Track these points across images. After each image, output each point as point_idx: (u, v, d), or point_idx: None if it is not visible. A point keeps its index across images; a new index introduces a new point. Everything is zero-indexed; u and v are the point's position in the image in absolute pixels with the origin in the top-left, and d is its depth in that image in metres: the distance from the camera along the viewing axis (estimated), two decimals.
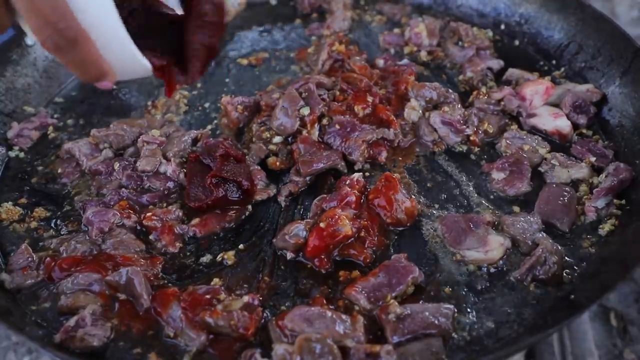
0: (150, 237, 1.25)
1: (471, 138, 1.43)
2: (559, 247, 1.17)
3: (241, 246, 1.24)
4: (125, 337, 1.08)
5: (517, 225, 1.20)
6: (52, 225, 1.30)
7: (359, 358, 0.97)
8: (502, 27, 1.78)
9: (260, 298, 1.12)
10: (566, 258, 1.17)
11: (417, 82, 1.53)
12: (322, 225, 1.18)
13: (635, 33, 1.60)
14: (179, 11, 1.11)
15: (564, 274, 1.14)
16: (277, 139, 1.41)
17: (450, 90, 1.50)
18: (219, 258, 1.21)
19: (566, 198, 1.26)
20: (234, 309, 1.05)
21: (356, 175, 1.30)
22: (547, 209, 1.25)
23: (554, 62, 1.65)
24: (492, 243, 1.18)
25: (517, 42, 1.74)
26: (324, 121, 1.43)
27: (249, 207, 1.31)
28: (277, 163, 1.39)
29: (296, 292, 1.15)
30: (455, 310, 1.08)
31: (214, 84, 1.69)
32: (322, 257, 1.18)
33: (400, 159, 1.42)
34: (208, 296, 1.08)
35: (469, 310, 1.10)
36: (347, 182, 1.29)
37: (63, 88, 1.69)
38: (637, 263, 1.05)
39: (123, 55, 1.00)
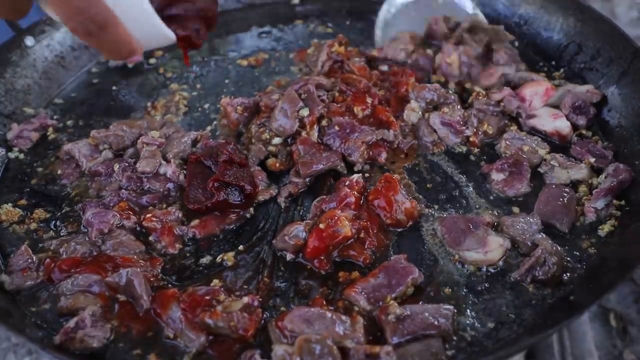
0: (150, 238, 1.25)
1: (471, 139, 1.43)
2: (559, 248, 1.17)
3: (241, 247, 1.24)
4: (125, 338, 1.08)
5: (517, 226, 1.20)
6: (52, 226, 1.30)
7: (359, 359, 0.97)
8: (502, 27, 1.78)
9: (260, 299, 1.11)
10: (566, 259, 1.17)
11: (418, 83, 1.53)
12: (321, 226, 1.18)
13: (635, 34, 1.60)
14: None
15: (564, 275, 1.14)
16: (277, 140, 1.41)
17: (450, 92, 1.50)
18: (218, 259, 1.21)
19: (565, 199, 1.26)
20: (233, 310, 1.05)
21: (355, 176, 1.30)
22: (547, 209, 1.25)
23: (553, 63, 1.65)
24: (492, 244, 1.18)
25: (516, 43, 1.74)
26: (324, 122, 1.43)
27: (251, 209, 1.31)
28: (277, 164, 1.39)
29: (296, 293, 1.15)
30: (455, 311, 1.08)
31: (214, 85, 1.69)
32: (322, 258, 1.18)
33: (400, 159, 1.42)
34: (208, 297, 1.08)
35: (468, 311, 1.10)
36: (346, 183, 1.29)
37: (63, 89, 1.69)
38: (637, 263, 1.05)
39: (147, 28, 1.02)
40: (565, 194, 1.27)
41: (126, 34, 0.99)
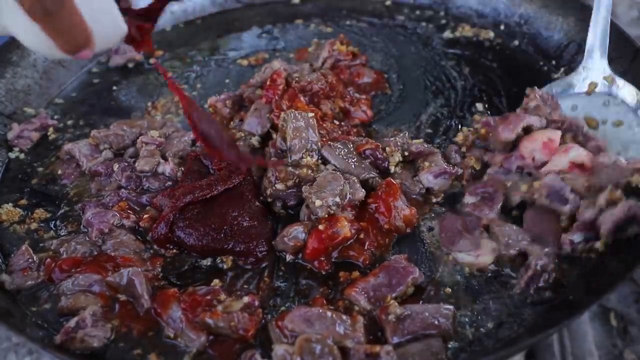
0: (148, 237, 1.25)
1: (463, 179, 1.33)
2: (549, 250, 1.14)
3: None
4: (125, 338, 1.08)
5: (505, 228, 1.18)
6: (52, 226, 1.30)
7: (359, 358, 0.97)
8: (502, 27, 1.78)
9: (260, 299, 1.12)
10: (563, 260, 1.16)
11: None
12: (320, 227, 1.17)
13: (635, 33, 1.60)
14: None
15: (563, 275, 1.14)
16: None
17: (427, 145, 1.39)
18: (218, 259, 1.21)
19: (551, 223, 1.19)
20: (234, 310, 1.05)
21: None
22: (534, 230, 1.19)
23: (553, 62, 1.65)
24: (484, 247, 1.17)
25: (516, 43, 1.74)
26: None
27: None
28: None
29: (296, 293, 1.15)
30: (455, 311, 1.08)
31: (214, 84, 1.69)
32: (322, 259, 1.18)
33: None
34: (208, 297, 1.08)
35: (469, 310, 1.10)
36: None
37: (63, 89, 1.70)
38: (637, 263, 1.05)
39: (104, 16, 0.99)
40: (549, 218, 1.19)
41: (82, 20, 0.95)
